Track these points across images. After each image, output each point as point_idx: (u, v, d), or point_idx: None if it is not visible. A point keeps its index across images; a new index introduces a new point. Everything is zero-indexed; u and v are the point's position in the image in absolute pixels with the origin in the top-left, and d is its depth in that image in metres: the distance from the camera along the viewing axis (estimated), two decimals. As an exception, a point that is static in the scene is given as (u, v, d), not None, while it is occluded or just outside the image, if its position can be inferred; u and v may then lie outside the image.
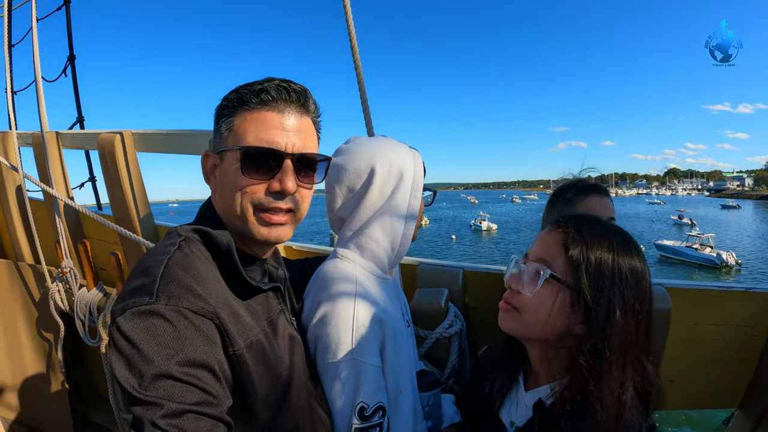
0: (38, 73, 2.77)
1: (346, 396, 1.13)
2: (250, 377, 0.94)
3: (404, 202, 1.31)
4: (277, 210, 1.02)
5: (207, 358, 0.85)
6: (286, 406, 1.03)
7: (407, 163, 1.33)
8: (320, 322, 1.18)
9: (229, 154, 1.01)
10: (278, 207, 1.01)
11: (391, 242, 1.32)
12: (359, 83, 1.90)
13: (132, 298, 0.86)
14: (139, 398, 0.77)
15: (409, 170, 1.32)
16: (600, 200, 1.68)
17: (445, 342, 1.92)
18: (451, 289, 2.12)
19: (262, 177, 0.99)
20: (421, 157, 1.38)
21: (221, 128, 1.03)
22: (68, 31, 4.08)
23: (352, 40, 1.85)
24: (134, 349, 0.79)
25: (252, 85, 1.02)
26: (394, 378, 1.24)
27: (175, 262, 0.93)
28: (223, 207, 1.05)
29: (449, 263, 2.31)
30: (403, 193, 1.31)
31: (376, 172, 1.29)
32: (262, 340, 1.01)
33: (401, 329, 1.32)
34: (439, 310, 1.93)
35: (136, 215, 2.66)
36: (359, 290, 1.21)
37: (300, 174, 1.03)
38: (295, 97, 1.02)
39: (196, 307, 0.87)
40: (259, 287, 1.05)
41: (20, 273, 3.44)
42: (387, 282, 1.38)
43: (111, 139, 2.57)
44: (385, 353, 1.22)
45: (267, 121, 0.99)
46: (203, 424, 0.79)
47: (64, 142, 3.20)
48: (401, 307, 1.44)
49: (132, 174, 2.65)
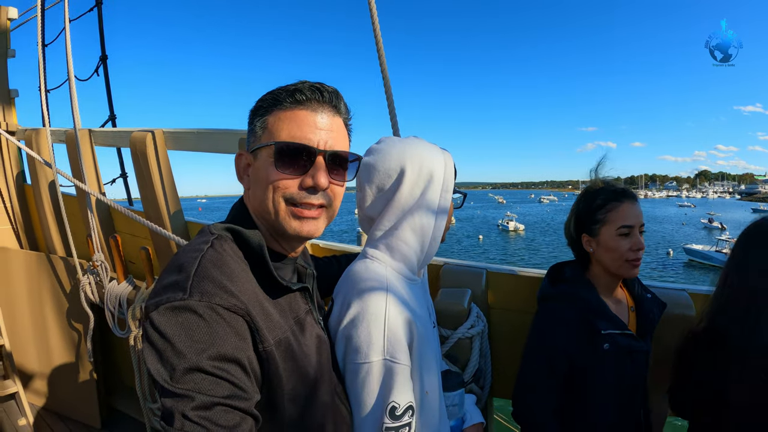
0: (71, 72, 2.85)
1: (377, 395, 1.13)
2: (278, 374, 0.96)
3: (434, 203, 1.31)
4: (309, 205, 1.04)
5: (237, 353, 0.86)
6: (312, 403, 1.05)
7: (438, 163, 1.32)
8: (351, 323, 1.17)
9: (263, 151, 1.03)
10: (310, 202, 1.03)
11: (421, 243, 1.32)
12: (385, 86, 1.91)
13: (166, 293, 0.88)
14: (170, 390, 0.79)
15: (440, 171, 1.32)
16: (634, 207, 1.62)
17: (467, 342, 1.92)
18: (474, 290, 2.12)
19: (294, 172, 1.01)
20: (452, 159, 1.37)
21: (255, 127, 1.06)
22: (100, 31, 4.19)
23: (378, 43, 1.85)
24: (167, 343, 0.82)
25: (286, 87, 1.05)
26: (420, 379, 1.24)
27: (208, 259, 0.95)
28: (256, 203, 1.07)
29: (473, 264, 2.31)
30: (432, 194, 1.31)
31: (406, 172, 1.29)
32: (290, 338, 1.02)
33: (428, 330, 1.32)
34: (462, 311, 1.93)
35: (166, 211, 2.74)
36: (390, 291, 1.21)
37: (332, 171, 1.06)
38: (327, 97, 1.05)
39: (228, 304, 0.88)
40: (288, 287, 1.06)
41: (52, 265, 3.55)
42: (416, 283, 1.37)
43: (143, 138, 2.64)
44: (413, 354, 1.22)
45: (300, 118, 1.02)
46: (232, 417, 0.81)
47: (97, 140, 3.30)
48: (428, 309, 1.44)
49: (163, 171, 2.72)
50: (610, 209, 1.63)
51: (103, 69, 4.19)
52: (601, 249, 1.65)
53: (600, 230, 1.64)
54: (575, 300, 1.63)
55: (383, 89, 1.92)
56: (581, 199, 1.72)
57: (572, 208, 1.76)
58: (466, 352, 1.94)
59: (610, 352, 1.57)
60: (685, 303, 1.89)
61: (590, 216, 1.67)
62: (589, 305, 1.61)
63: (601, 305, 1.63)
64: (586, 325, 1.59)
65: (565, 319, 1.61)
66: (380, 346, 1.13)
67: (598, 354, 1.57)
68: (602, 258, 1.66)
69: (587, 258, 1.72)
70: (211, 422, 0.78)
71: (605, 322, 1.59)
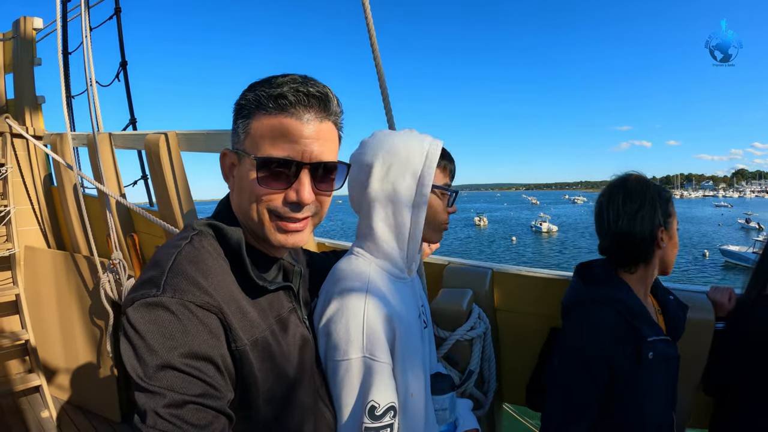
0: (92, 79, 2.97)
1: (356, 394, 1.10)
2: (253, 373, 0.94)
3: (407, 197, 1.25)
4: (294, 219, 1.00)
5: (210, 351, 0.85)
6: (291, 405, 1.03)
7: (415, 156, 1.26)
8: (330, 320, 1.15)
9: (245, 159, 0.99)
10: (295, 217, 1.00)
11: (397, 240, 1.28)
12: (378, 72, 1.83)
13: (141, 289, 0.87)
14: (143, 387, 0.79)
15: (416, 163, 1.25)
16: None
17: (466, 345, 1.87)
18: (477, 290, 2.06)
19: (278, 186, 0.97)
20: (437, 150, 1.28)
21: (238, 128, 1.02)
22: (120, 38, 4.34)
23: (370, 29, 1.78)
24: (141, 339, 0.81)
25: (270, 85, 0.98)
26: (404, 380, 1.19)
27: (184, 255, 0.93)
28: (240, 210, 1.04)
29: (478, 263, 2.25)
30: (405, 188, 1.25)
31: (374, 165, 1.25)
32: (268, 338, 1.00)
33: (414, 330, 1.27)
34: (460, 312, 1.87)
35: (179, 211, 2.79)
36: (370, 288, 1.18)
37: (318, 181, 1.01)
38: (315, 102, 0.98)
39: (200, 302, 0.87)
40: (264, 287, 1.03)
41: (76, 264, 3.70)
42: (404, 281, 1.33)
43: (156, 140, 2.72)
44: (395, 354, 1.18)
45: (284, 128, 0.96)
46: (204, 416, 0.80)
47: (116, 143, 3.41)
48: (418, 308, 1.38)
49: (176, 172, 2.78)
50: (672, 202, 1.52)
51: (123, 75, 4.33)
52: (671, 244, 1.53)
53: (671, 223, 1.51)
54: (616, 303, 1.46)
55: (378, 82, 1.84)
56: (654, 192, 1.51)
57: (639, 201, 1.51)
58: (465, 354, 1.88)
59: (653, 361, 1.44)
60: (704, 306, 1.79)
61: (666, 208, 1.51)
62: (632, 310, 1.46)
63: (644, 310, 1.49)
64: (630, 331, 1.44)
65: (607, 325, 1.44)
66: (359, 343, 1.10)
67: (642, 363, 1.43)
68: (667, 254, 1.54)
69: (640, 257, 1.52)
70: (182, 421, 0.77)
71: (649, 327, 1.47)
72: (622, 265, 1.55)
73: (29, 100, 4.36)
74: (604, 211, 1.54)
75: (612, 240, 1.52)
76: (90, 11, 3.12)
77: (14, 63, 4.52)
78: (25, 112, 4.39)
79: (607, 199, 1.54)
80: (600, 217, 1.56)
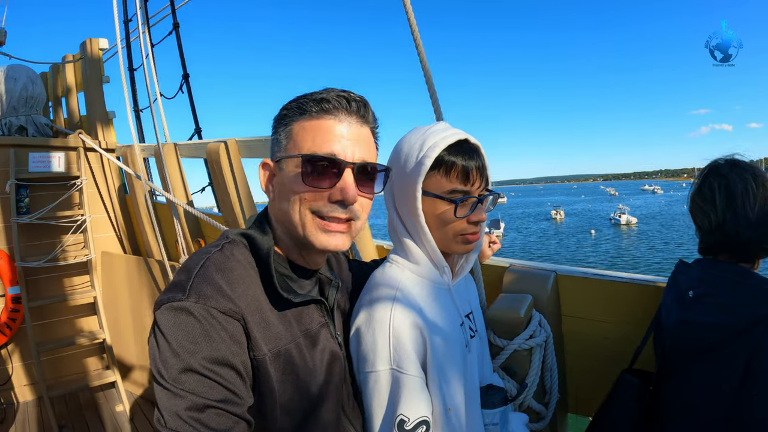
0: (157, 92, 3.13)
1: (385, 407, 1.07)
2: (270, 385, 0.94)
3: (409, 203, 1.21)
4: (336, 219, 0.99)
5: (232, 357, 0.86)
6: (311, 420, 1.02)
7: (411, 156, 1.20)
8: (359, 330, 1.13)
9: (288, 162, 0.99)
10: (338, 216, 0.99)
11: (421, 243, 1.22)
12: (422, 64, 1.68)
13: (169, 293, 0.89)
14: (165, 388, 0.81)
15: (410, 165, 1.19)
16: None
17: (525, 354, 1.74)
18: (538, 295, 1.92)
19: (322, 185, 0.97)
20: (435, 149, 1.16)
21: (280, 136, 1.03)
22: (180, 52, 4.52)
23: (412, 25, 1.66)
24: (165, 342, 0.83)
25: (312, 94, 1.01)
26: (440, 394, 1.14)
27: (212, 262, 0.95)
28: (282, 216, 1.03)
29: (541, 265, 2.10)
30: (404, 194, 1.21)
31: (394, 164, 1.22)
32: (292, 351, 0.99)
33: (453, 340, 1.20)
34: (517, 319, 1.72)
35: (242, 217, 2.90)
36: (398, 295, 1.14)
37: (360, 183, 1.01)
38: (355, 106, 1.00)
39: (223, 308, 0.88)
40: (289, 300, 1.01)
41: (148, 267, 3.93)
42: (442, 287, 1.26)
43: (216, 148, 2.84)
44: (429, 365, 1.13)
45: (327, 128, 0.98)
46: (224, 421, 0.81)
47: (182, 152, 3.58)
48: (461, 316, 1.30)
49: (237, 179, 2.88)
50: None
51: (186, 86, 4.54)
52: None
53: None
54: None
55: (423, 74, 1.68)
56: None
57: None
58: (524, 365, 1.75)
59: None
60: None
61: (738, 205, 1.33)
62: None
63: None
64: None
65: None
66: (386, 355, 1.07)
67: None
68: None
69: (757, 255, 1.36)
70: (202, 424, 0.79)
71: None
72: (749, 260, 1.36)
73: (100, 115, 4.67)
74: (738, 198, 1.32)
75: (754, 230, 1.31)
76: (150, 29, 3.29)
77: (84, 82, 4.87)
78: (97, 127, 4.71)
79: (741, 184, 1.33)
80: (730, 205, 1.34)
